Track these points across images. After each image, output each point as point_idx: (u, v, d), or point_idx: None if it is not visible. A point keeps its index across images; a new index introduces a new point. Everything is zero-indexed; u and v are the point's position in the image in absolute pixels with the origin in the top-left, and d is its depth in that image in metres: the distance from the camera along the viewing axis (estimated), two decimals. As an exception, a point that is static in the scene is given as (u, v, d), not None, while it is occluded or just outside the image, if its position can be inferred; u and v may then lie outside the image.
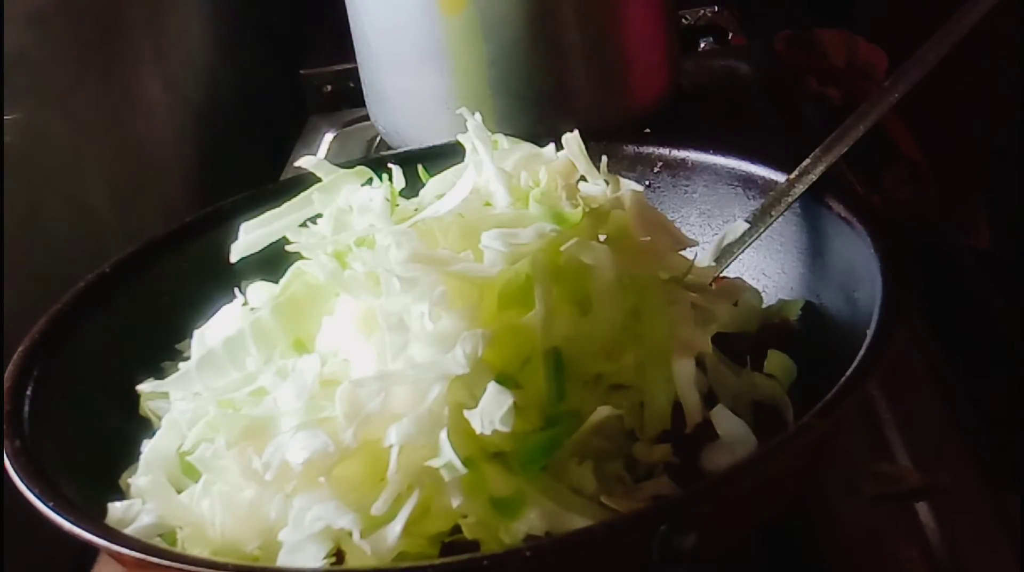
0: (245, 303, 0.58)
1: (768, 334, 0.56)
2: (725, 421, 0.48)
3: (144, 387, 0.54)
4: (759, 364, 0.53)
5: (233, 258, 0.58)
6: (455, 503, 0.43)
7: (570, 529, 0.43)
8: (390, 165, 0.61)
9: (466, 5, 0.79)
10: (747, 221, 0.58)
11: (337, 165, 0.60)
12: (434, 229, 0.52)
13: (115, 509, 0.49)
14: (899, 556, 0.53)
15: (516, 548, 0.41)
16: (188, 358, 0.55)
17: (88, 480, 0.50)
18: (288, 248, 0.58)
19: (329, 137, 1.05)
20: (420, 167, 0.62)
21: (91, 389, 0.55)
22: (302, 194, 0.59)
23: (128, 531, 0.47)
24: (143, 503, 0.49)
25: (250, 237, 0.58)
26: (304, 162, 0.62)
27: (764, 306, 0.58)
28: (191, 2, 1.09)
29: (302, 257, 0.57)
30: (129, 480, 0.51)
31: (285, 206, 0.59)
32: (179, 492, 0.50)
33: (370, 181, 0.60)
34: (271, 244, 0.59)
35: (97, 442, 0.53)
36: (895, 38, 0.99)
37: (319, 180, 0.60)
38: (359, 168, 0.60)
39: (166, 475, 0.51)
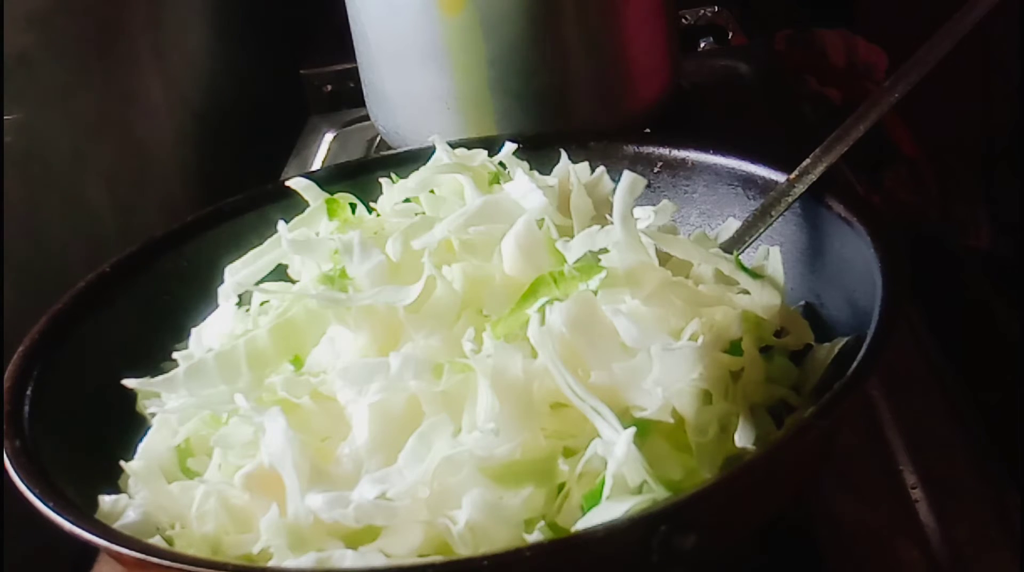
0: (239, 303, 0.58)
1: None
2: None
3: (132, 383, 0.54)
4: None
5: (221, 301, 0.58)
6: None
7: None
8: (381, 179, 0.62)
9: (466, 5, 0.79)
10: (740, 228, 0.58)
11: (335, 166, 0.61)
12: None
13: (104, 502, 0.49)
14: (899, 556, 0.53)
15: (516, 548, 0.41)
16: (186, 357, 0.56)
17: (88, 480, 0.50)
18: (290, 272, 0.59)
19: (329, 137, 1.05)
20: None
21: (91, 389, 0.55)
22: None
23: (117, 525, 0.48)
24: (130, 498, 0.50)
25: (236, 278, 0.59)
26: (294, 183, 0.62)
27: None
28: (191, 2, 1.09)
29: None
30: (123, 463, 0.51)
31: (267, 243, 0.60)
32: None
33: (353, 208, 0.60)
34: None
35: (97, 442, 0.53)
36: (895, 38, 0.99)
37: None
38: (341, 196, 0.61)
39: (160, 468, 0.51)
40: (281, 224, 0.59)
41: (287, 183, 0.63)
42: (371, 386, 0.48)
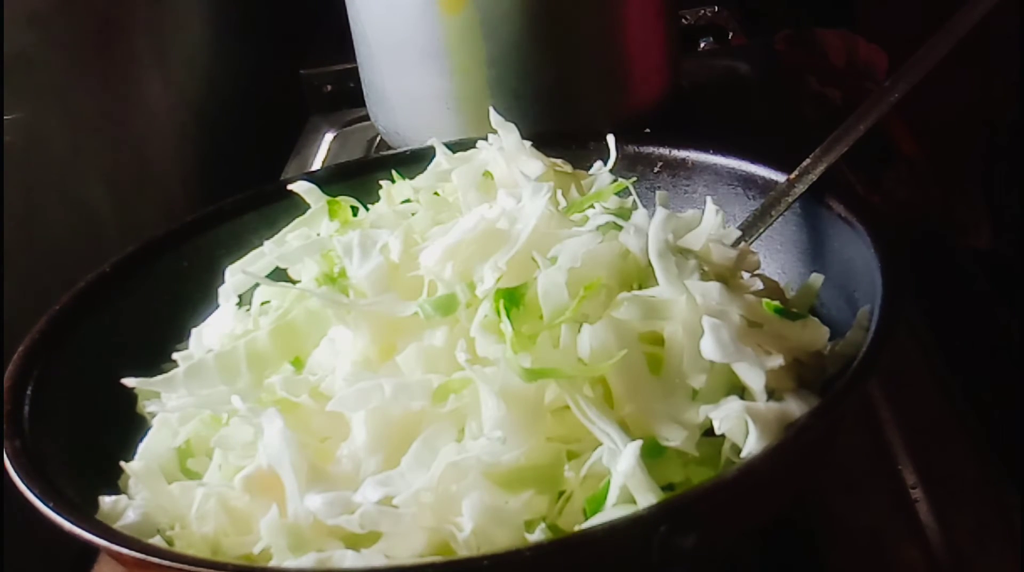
0: (240, 304, 0.58)
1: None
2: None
3: (132, 382, 0.54)
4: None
5: (221, 302, 0.58)
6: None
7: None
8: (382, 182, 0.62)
9: (466, 5, 0.79)
10: (740, 227, 0.58)
11: (335, 166, 0.61)
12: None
13: (104, 503, 0.49)
14: (899, 556, 0.53)
15: (516, 548, 0.41)
16: (186, 357, 0.55)
17: (88, 480, 0.50)
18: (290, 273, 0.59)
19: (329, 137, 1.05)
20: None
21: (91, 389, 0.55)
22: (284, 229, 0.61)
23: (117, 525, 0.48)
24: (130, 498, 0.50)
25: (235, 279, 0.59)
26: (296, 187, 0.62)
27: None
28: (191, 2, 1.09)
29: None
30: (123, 464, 0.51)
31: (267, 244, 0.60)
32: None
33: (355, 211, 0.60)
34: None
35: (97, 442, 0.53)
36: (895, 38, 0.99)
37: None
38: (343, 199, 0.61)
39: (160, 469, 0.51)
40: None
41: (288, 185, 0.63)
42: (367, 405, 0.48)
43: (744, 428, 0.44)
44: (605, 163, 0.63)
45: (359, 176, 0.67)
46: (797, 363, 0.49)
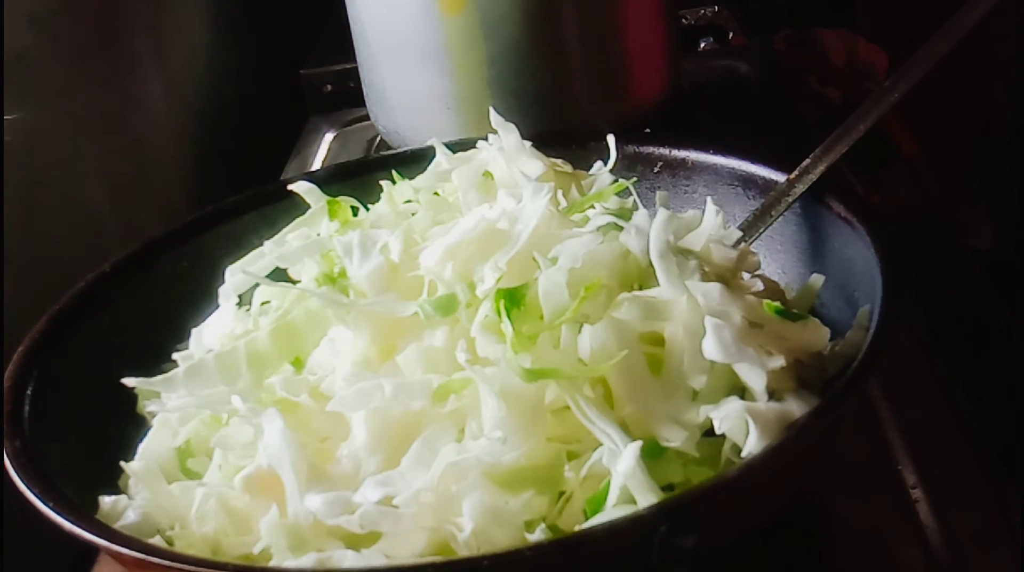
0: (240, 304, 0.58)
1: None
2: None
3: (132, 382, 0.54)
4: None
5: (221, 302, 0.58)
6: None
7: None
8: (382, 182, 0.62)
9: (466, 5, 0.79)
10: (740, 227, 0.58)
11: (335, 166, 0.61)
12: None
13: (105, 503, 0.49)
14: (899, 556, 0.53)
15: (516, 548, 0.41)
16: (186, 358, 0.55)
17: (88, 480, 0.50)
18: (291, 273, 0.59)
19: (329, 137, 1.05)
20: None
21: (91, 389, 0.55)
22: (284, 229, 0.61)
23: (117, 525, 0.48)
24: (130, 498, 0.50)
25: (235, 279, 0.59)
26: (297, 187, 0.62)
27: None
28: (191, 2, 1.09)
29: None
30: (123, 464, 0.51)
31: (267, 244, 0.60)
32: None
33: (355, 211, 0.60)
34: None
35: (97, 442, 0.53)
36: (895, 38, 0.99)
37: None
38: (344, 199, 0.61)
39: (160, 469, 0.51)
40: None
41: (288, 185, 0.63)
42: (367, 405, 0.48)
43: (744, 428, 0.44)
44: (605, 163, 0.63)
45: (359, 176, 0.67)
46: (798, 363, 0.49)
